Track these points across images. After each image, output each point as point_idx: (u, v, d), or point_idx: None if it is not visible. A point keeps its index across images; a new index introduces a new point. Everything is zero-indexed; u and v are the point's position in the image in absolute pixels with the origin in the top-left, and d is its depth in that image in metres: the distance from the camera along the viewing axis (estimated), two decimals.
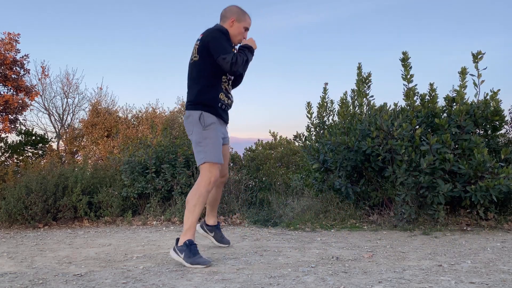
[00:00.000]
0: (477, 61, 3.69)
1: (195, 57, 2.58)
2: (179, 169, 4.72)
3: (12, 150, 7.16)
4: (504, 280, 1.95)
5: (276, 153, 7.44)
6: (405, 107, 3.92)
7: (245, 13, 2.74)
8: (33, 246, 3.39)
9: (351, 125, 4.19)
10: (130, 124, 9.44)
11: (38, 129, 11.49)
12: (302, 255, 2.67)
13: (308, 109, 4.69)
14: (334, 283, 1.95)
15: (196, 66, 2.58)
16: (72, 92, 10.93)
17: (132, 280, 2.13)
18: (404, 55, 3.86)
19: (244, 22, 2.72)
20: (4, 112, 6.30)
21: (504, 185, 3.23)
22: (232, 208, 4.69)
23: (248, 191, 5.13)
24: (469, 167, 3.37)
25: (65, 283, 2.13)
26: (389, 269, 2.21)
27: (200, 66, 2.57)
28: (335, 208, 4.20)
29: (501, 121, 3.76)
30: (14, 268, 2.54)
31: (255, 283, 1.99)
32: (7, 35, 6.44)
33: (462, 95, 3.72)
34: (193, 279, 2.11)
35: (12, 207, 4.49)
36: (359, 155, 3.93)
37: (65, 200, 4.61)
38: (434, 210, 3.55)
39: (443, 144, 3.47)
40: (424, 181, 3.45)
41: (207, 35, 2.56)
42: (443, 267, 2.24)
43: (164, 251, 2.95)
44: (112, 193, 4.75)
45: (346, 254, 2.65)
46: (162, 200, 4.81)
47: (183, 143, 5.23)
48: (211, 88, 2.58)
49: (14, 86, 6.35)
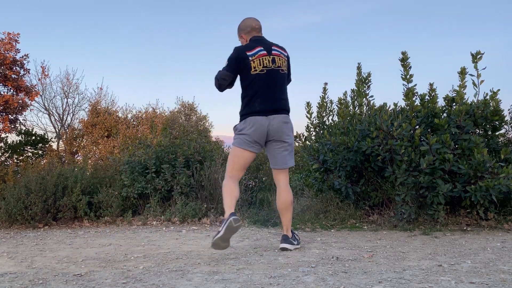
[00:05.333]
0: (476, 61, 3.69)
1: (284, 69, 2.86)
2: (179, 169, 4.72)
3: (12, 150, 7.16)
4: (504, 280, 1.95)
5: None
6: (404, 107, 3.92)
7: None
8: (33, 246, 3.39)
9: (350, 125, 4.19)
10: (130, 124, 9.44)
11: (38, 129, 11.50)
12: (302, 255, 2.67)
13: (307, 109, 4.69)
14: (334, 283, 1.95)
15: (284, 77, 2.87)
16: (72, 92, 10.93)
17: (132, 280, 2.13)
18: (404, 55, 3.86)
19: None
20: (4, 112, 6.30)
21: (504, 185, 3.23)
22: None
23: (248, 191, 5.12)
24: (469, 167, 3.37)
25: (65, 283, 2.13)
26: (389, 269, 2.21)
27: (285, 78, 2.90)
28: (335, 208, 4.20)
29: (501, 121, 3.76)
30: (14, 268, 2.54)
31: (255, 283, 2.00)
32: (7, 35, 6.43)
33: (462, 95, 3.72)
34: (193, 279, 2.12)
35: (12, 207, 4.49)
36: (359, 155, 3.93)
37: (65, 200, 4.61)
38: (434, 210, 3.55)
39: (442, 144, 3.47)
40: (424, 181, 3.45)
41: (289, 55, 2.96)
42: (443, 267, 2.24)
43: (164, 251, 2.95)
44: (112, 193, 4.75)
45: (346, 254, 2.65)
46: (162, 200, 4.81)
47: (183, 143, 5.23)
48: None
49: (14, 86, 6.35)
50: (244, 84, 2.82)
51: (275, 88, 2.79)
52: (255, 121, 2.75)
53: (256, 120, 2.75)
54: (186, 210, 4.48)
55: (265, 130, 2.76)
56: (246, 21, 2.95)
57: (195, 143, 5.16)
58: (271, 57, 2.80)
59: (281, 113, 2.79)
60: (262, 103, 2.75)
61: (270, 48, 2.83)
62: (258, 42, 2.86)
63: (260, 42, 2.86)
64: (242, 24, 2.96)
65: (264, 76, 2.77)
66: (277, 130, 2.77)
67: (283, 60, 2.85)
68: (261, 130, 2.75)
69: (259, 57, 2.78)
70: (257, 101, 2.76)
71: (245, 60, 2.77)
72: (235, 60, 2.78)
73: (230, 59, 2.81)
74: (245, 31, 2.94)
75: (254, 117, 2.75)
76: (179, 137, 6.03)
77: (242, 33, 2.95)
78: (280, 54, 2.84)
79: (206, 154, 5.16)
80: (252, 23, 2.93)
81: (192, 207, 4.50)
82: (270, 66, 2.78)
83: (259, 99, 2.76)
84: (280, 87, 2.82)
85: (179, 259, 2.63)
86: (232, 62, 2.79)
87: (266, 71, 2.77)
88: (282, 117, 2.78)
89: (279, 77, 2.81)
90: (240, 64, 2.78)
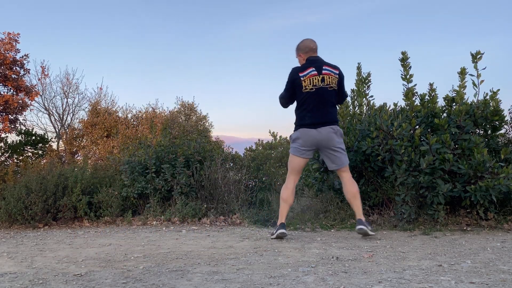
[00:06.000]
0: (476, 61, 3.68)
1: (333, 86, 3.26)
2: (179, 169, 4.72)
3: (12, 150, 7.16)
4: (504, 280, 1.95)
5: (276, 153, 7.44)
6: (404, 107, 3.92)
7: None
8: (33, 246, 3.39)
9: (350, 125, 4.19)
10: (130, 124, 9.44)
11: (38, 129, 11.50)
12: (302, 255, 2.67)
13: None
14: (334, 283, 1.95)
15: (332, 93, 3.27)
16: (72, 92, 10.94)
17: (132, 280, 2.13)
18: (403, 55, 3.86)
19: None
20: (4, 112, 6.30)
21: (504, 185, 3.23)
22: (232, 208, 4.69)
23: (248, 191, 5.13)
24: (468, 167, 3.37)
25: (65, 283, 2.13)
26: (389, 269, 2.21)
27: (334, 94, 3.29)
28: (335, 208, 4.20)
29: (501, 121, 3.76)
30: (14, 268, 2.54)
31: (255, 283, 2.00)
32: (7, 35, 6.43)
33: (462, 95, 3.72)
34: (193, 279, 2.12)
35: (12, 207, 4.49)
36: (359, 155, 3.93)
37: (65, 200, 4.61)
38: (434, 210, 3.55)
39: (442, 144, 3.47)
40: (424, 181, 3.45)
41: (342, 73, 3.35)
42: (443, 267, 2.24)
43: (164, 251, 2.95)
44: (112, 193, 4.75)
45: (346, 254, 2.65)
46: (162, 200, 4.81)
47: (183, 143, 5.23)
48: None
49: (14, 86, 6.35)
50: (298, 100, 3.31)
51: (323, 103, 3.23)
52: (306, 132, 3.24)
53: (306, 132, 3.24)
54: (186, 210, 4.48)
55: (314, 140, 3.24)
56: (305, 42, 3.36)
57: (195, 143, 5.16)
58: (321, 77, 3.22)
59: (328, 124, 3.23)
60: (312, 117, 3.22)
61: (321, 68, 3.25)
62: (312, 62, 3.28)
63: (314, 62, 3.28)
64: (301, 44, 3.37)
65: (314, 93, 3.21)
66: (327, 139, 3.23)
67: (333, 78, 3.26)
68: (311, 140, 3.24)
69: (310, 77, 3.22)
70: (308, 115, 3.24)
71: (297, 81, 3.25)
72: (290, 84, 3.30)
73: (287, 83, 3.33)
74: (304, 51, 3.35)
75: (304, 129, 3.24)
76: (179, 137, 6.02)
77: (301, 52, 3.36)
78: (330, 73, 3.26)
79: (206, 154, 5.16)
80: (310, 44, 3.34)
81: (192, 207, 4.50)
82: (319, 85, 3.22)
83: (309, 113, 3.23)
84: (328, 102, 3.25)
85: (179, 259, 2.63)
86: (288, 85, 3.32)
87: (315, 89, 3.21)
88: (330, 127, 3.23)
89: (328, 94, 3.24)
90: (293, 85, 3.27)
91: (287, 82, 3.33)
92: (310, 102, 3.22)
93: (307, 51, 3.34)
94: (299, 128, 3.29)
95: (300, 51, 3.38)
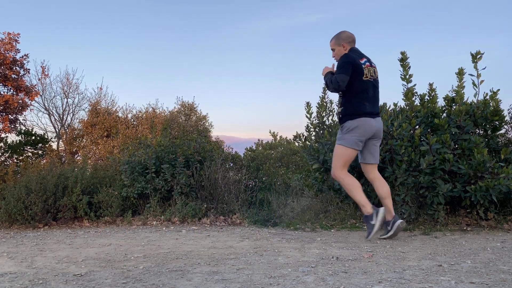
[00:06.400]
0: (476, 61, 3.69)
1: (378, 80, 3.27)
2: (179, 169, 4.72)
3: (12, 150, 7.16)
4: (504, 280, 1.95)
5: (276, 153, 7.45)
6: (404, 107, 3.92)
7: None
8: (33, 246, 3.39)
9: None
10: (130, 124, 9.44)
11: (38, 129, 11.51)
12: (302, 255, 2.67)
13: (307, 109, 4.69)
14: (334, 283, 1.95)
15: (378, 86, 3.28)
16: (72, 92, 10.95)
17: (132, 280, 2.13)
18: (403, 55, 3.86)
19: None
20: (4, 112, 6.30)
21: (504, 185, 3.23)
22: (232, 208, 4.69)
23: (248, 191, 5.13)
24: (469, 167, 3.37)
25: (65, 283, 2.13)
26: (389, 269, 2.21)
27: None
28: (335, 208, 4.20)
29: (501, 121, 3.76)
30: (14, 268, 2.54)
31: (255, 283, 2.00)
32: (7, 35, 6.44)
33: (462, 95, 3.72)
34: (193, 279, 2.12)
35: (12, 207, 4.49)
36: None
37: (65, 200, 4.61)
38: (434, 210, 3.55)
39: (442, 144, 3.47)
40: (424, 181, 3.45)
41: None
42: (443, 267, 2.24)
43: (164, 251, 2.95)
44: (112, 193, 4.75)
45: (346, 254, 2.65)
46: (162, 200, 4.81)
47: (183, 143, 5.23)
48: None
49: (14, 86, 6.35)
50: (356, 87, 3.15)
51: (377, 94, 3.26)
52: (367, 121, 3.12)
53: (367, 121, 3.12)
54: (186, 210, 4.48)
55: (373, 130, 3.15)
56: (346, 32, 3.31)
57: (195, 143, 5.16)
58: (373, 69, 3.23)
59: (379, 116, 3.26)
60: (371, 107, 3.17)
61: (370, 60, 3.25)
62: (360, 54, 3.24)
63: (362, 54, 3.25)
64: (344, 34, 3.30)
65: (372, 83, 3.19)
66: (380, 130, 3.22)
67: (375, 69, 3.28)
68: (370, 130, 3.14)
69: (367, 67, 3.18)
70: (368, 104, 3.15)
71: (359, 66, 3.14)
72: (352, 65, 3.13)
73: (347, 64, 3.13)
74: (347, 41, 3.28)
75: (365, 118, 3.12)
76: (179, 137, 6.02)
77: (345, 42, 3.27)
78: (375, 67, 3.28)
79: (206, 154, 5.16)
80: (352, 36, 3.31)
81: (192, 207, 4.50)
82: (374, 76, 3.23)
83: (369, 103, 3.15)
84: (378, 94, 3.28)
85: (179, 259, 2.63)
86: (349, 66, 3.12)
87: (372, 79, 3.20)
88: (380, 119, 3.25)
89: (378, 86, 3.28)
90: (355, 69, 3.13)
91: (348, 64, 3.13)
92: (369, 91, 3.17)
93: (350, 42, 3.28)
94: (358, 117, 3.12)
95: (343, 40, 3.27)
